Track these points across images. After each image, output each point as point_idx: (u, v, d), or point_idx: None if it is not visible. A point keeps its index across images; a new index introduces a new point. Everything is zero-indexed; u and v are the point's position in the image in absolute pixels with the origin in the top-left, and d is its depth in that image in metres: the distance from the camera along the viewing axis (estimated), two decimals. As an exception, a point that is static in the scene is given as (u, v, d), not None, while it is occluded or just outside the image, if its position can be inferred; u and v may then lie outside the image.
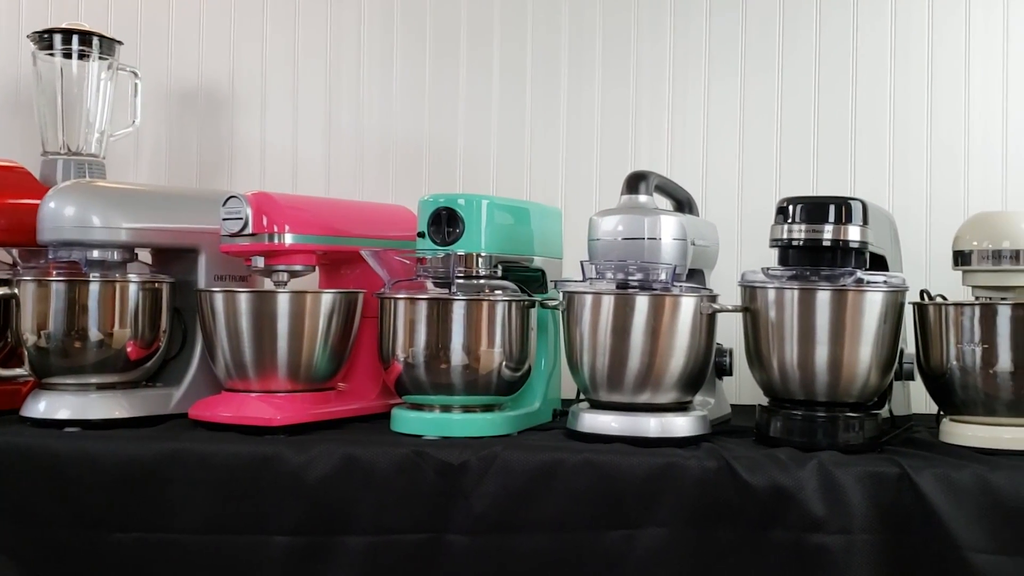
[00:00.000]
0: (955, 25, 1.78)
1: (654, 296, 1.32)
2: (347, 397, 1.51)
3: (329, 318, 1.44)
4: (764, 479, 1.19)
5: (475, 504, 1.23)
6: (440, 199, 1.41)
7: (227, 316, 1.42)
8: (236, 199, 1.44)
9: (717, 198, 1.83)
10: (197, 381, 1.52)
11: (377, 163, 1.96)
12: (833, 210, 1.32)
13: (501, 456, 1.24)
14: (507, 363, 1.38)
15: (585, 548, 1.22)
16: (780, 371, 1.32)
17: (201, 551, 1.27)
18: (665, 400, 1.34)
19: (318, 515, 1.25)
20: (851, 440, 1.29)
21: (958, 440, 1.31)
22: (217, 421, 1.40)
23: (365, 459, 1.26)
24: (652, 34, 1.88)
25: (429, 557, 1.24)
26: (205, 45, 2.02)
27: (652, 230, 1.37)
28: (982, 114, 1.77)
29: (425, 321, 1.37)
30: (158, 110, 2.01)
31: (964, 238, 1.37)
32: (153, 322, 1.49)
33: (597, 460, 1.23)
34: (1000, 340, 1.28)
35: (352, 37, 1.97)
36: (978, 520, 1.15)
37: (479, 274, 1.40)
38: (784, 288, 1.31)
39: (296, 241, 1.44)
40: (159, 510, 1.27)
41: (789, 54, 1.83)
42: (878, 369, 1.31)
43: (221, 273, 1.55)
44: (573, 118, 1.90)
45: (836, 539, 1.16)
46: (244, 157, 2.00)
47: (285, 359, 1.41)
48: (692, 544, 1.20)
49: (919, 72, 1.79)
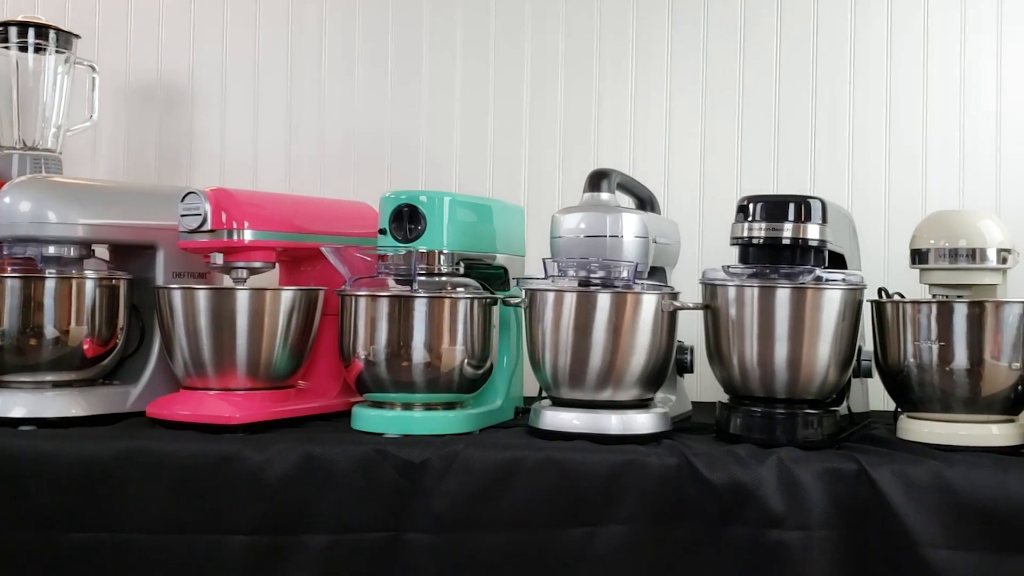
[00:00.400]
0: (914, 26, 1.80)
1: (616, 294, 1.32)
2: (307, 395, 1.50)
3: (289, 315, 1.43)
4: (724, 476, 1.20)
5: (436, 502, 1.23)
6: (402, 196, 1.40)
7: (185, 313, 1.40)
8: (195, 195, 1.42)
9: (679, 196, 1.83)
10: (155, 379, 1.51)
11: (339, 159, 1.95)
12: (792, 209, 1.33)
13: (462, 454, 1.24)
14: (469, 361, 1.38)
15: (546, 546, 1.22)
16: (740, 368, 1.33)
17: (158, 551, 1.25)
18: (626, 397, 1.34)
19: (277, 514, 1.24)
20: (810, 437, 1.30)
21: (915, 436, 1.32)
22: (175, 419, 1.38)
23: (325, 457, 1.25)
24: (614, 33, 1.88)
25: (389, 556, 1.23)
26: (165, 39, 2.00)
27: (614, 228, 1.38)
28: (940, 114, 1.79)
29: (386, 318, 1.36)
30: (116, 105, 1.99)
31: (921, 237, 1.39)
32: (110, 319, 1.47)
33: (558, 458, 1.23)
34: (956, 338, 1.29)
35: (314, 32, 1.96)
36: (934, 516, 1.16)
37: (441, 271, 1.40)
38: (744, 286, 1.32)
39: (255, 238, 1.43)
40: (116, 510, 1.26)
41: (750, 55, 1.85)
42: (836, 366, 1.32)
43: (179, 270, 1.53)
44: (536, 115, 1.90)
45: (794, 535, 1.17)
46: (204, 153, 1.98)
47: (244, 357, 1.40)
48: (652, 541, 1.21)
49: (878, 72, 1.81)
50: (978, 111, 1.78)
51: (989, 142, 1.78)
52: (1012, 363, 1.29)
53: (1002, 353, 1.29)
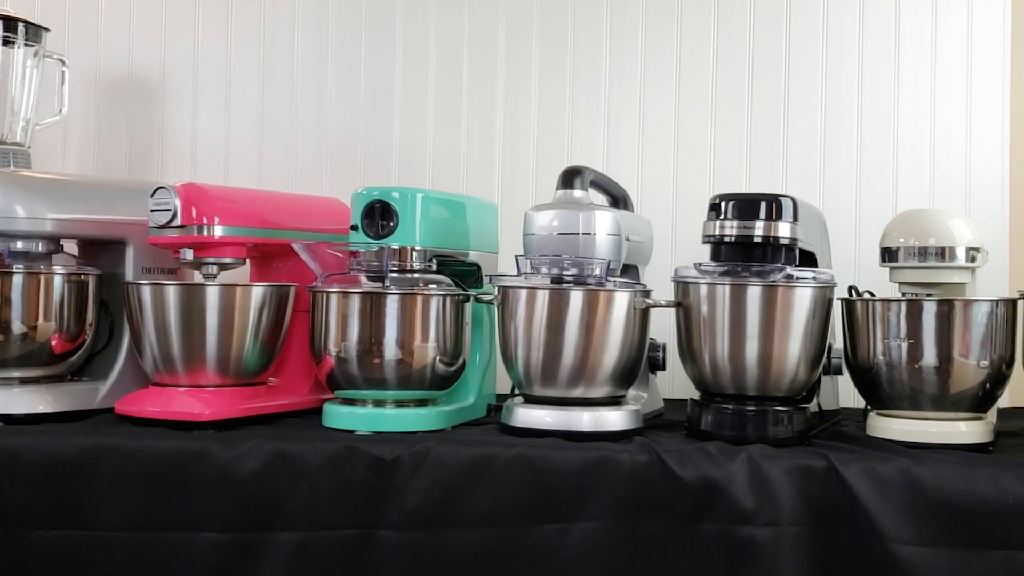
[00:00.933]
0: (885, 27, 1.82)
1: (588, 291, 1.32)
2: (278, 392, 1.49)
3: (260, 312, 1.42)
4: (694, 472, 1.20)
5: (407, 499, 1.22)
6: (374, 192, 1.39)
7: (155, 309, 1.39)
8: (165, 190, 1.41)
9: (652, 194, 1.84)
10: (124, 375, 1.50)
11: (311, 155, 1.94)
12: (764, 207, 1.33)
13: (434, 451, 1.24)
14: (441, 358, 1.38)
15: (518, 543, 1.22)
16: (711, 365, 1.33)
17: (127, 548, 1.24)
18: (599, 394, 1.34)
19: (247, 511, 1.24)
20: (780, 434, 1.31)
21: (884, 434, 1.33)
22: (144, 416, 1.37)
23: (296, 454, 1.25)
24: (588, 31, 1.88)
25: (361, 553, 1.23)
26: (136, 33, 1.98)
27: (587, 225, 1.38)
28: (911, 114, 1.81)
29: (358, 315, 1.36)
30: (86, 99, 1.97)
31: (891, 235, 1.40)
32: (79, 315, 1.46)
33: (530, 455, 1.23)
34: (925, 336, 1.30)
35: (286, 26, 1.95)
36: (903, 512, 1.17)
37: (413, 268, 1.39)
38: (715, 284, 1.33)
39: (226, 233, 1.42)
40: (84, 507, 1.25)
41: (724, 53, 1.85)
42: (807, 364, 1.33)
43: (149, 265, 1.52)
44: (510, 112, 1.90)
45: (764, 531, 1.18)
46: (175, 148, 1.96)
47: (214, 353, 1.39)
48: (624, 537, 1.21)
49: (850, 73, 1.82)
50: (948, 112, 1.80)
51: (959, 142, 1.79)
52: (980, 361, 1.30)
53: (970, 351, 1.30)
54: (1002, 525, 1.15)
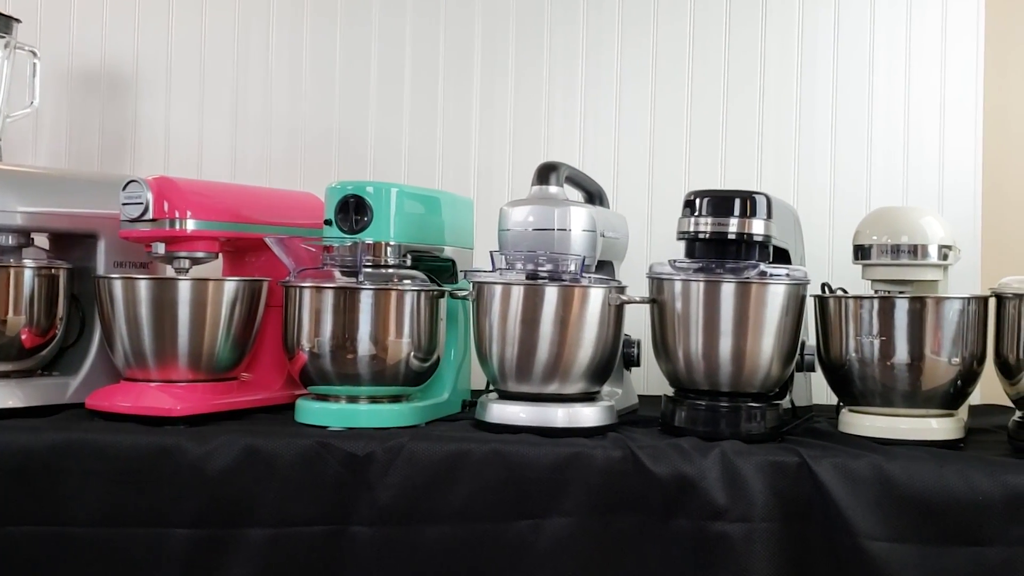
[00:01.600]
0: (860, 25, 1.82)
1: (563, 287, 1.32)
2: (250, 387, 1.49)
3: (232, 306, 1.41)
4: (667, 468, 1.21)
5: (380, 495, 1.22)
6: (348, 186, 1.39)
7: (126, 304, 1.38)
8: (136, 183, 1.40)
9: (627, 190, 1.84)
10: (95, 370, 1.48)
11: (285, 149, 1.93)
12: (738, 204, 1.34)
13: (407, 447, 1.24)
14: (415, 353, 1.37)
15: (491, 539, 1.21)
16: (685, 362, 1.34)
17: (98, 545, 1.23)
18: (573, 391, 1.34)
19: (219, 507, 1.23)
20: (753, 430, 1.31)
21: (856, 430, 1.34)
22: (115, 411, 1.36)
23: (267, 450, 1.24)
24: (565, 27, 1.88)
25: (333, 549, 1.22)
26: (109, 25, 1.96)
27: (562, 221, 1.38)
28: (885, 112, 1.82)
29: (331, 310, 1.35)
30: (59, 91, 1.95)
31: (864, 233, 1.41)
32: (49, 309, 1.45)
33: (504, 451, 1.23)
34: (898, 333, 1.31)
35: (261, 19, 1.94)
36: (874, 508, 1.17)
37: (388, 263, 1.39)
38: (690, 280, 1.33)
39: (198, 227, 1.41)
40: (54, 503, 1.24)
41: (700, 52, 1.86)
42: (780, 360, 1.33)
43: (121, 259, 1.51)
44: (486, 108, 1.90)
45: (737, 527, 1.18)
46: (148, 141, 1.95)
47: (186, 348, 1.38)
48: (597, 533, 1.21)
49: (825, 71, 1.83)
50: (922, 110, 1.81)
51: (933, 140, 1.80)
52: (952, 358, 1.31)
53: (942, 348, 1.31)
54: (972, 521, 1.16)
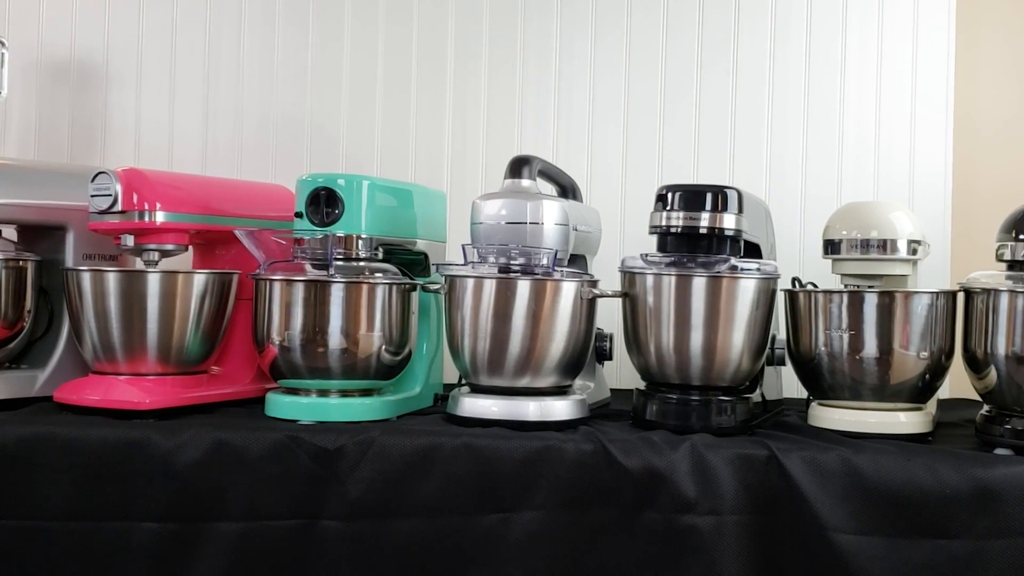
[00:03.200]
0: (832, 22, 1.83)
1: (535, 281, 1.32)
2: (220, 381, 1.48)
3: (201, 299, 1.41)
4: (638, 461, 1.21)
5: (351, 489, 1.22)
6: (319, 179, 1.38)
7: (95, 296, 1.37)
8: (105, 175, 1.39)
9: (600, 184, 1.84)
10: (63, 363, 1.47)
11: (257, 141, 1.91)
12: (710, 198, 1.34)
13: (378, 441, 1.23)
14: (387, 347, 1.37)
15: (462, 532, 1.21)
16: (657, 355, 1.34)
17: (67, 538, 1.23)
18: (545, 384, 1.34)
19: (188, 501, 1.23)
20: (723, 423, 1.32)
21: (825, 424, 1.35)
22: (84, 404, 1.36)
23: (237, 444, 1.23)
24: (539, 18, 1.88)
25: (303, 543, 1.22)
26: (78, 14, 1.94)
27: (535, 215, 1.38)
28: (856, 108, 1.83)
29: (302, 303, 1.34)
30: (27, 81, 1.93)
31: (834, 227, 1.41)
32: (17, 301, 1.44)
33: (475, 444, 1.23)
34: (866, 327, 1.32)
35: (233, 10, 1.92)
36: (842, 501, 1.18)
37: (359, 256, 1.38)
38: (661, 274, 1.33)
39: (168, 219, 1.40)
40: (23, 496, 1.23)
41: (673, 44, 1.86)
42: (750, 354, 1.34)
43: (90, 252, 1.50)
44: (459, 100, 1.89)
45: (706, 520, 1.19)
46: (118, 132, 1.93)
47: (155, 341, 1.37)
48: (568, 526, 1.21)
49: (797, 66, 1.84)
50: (893, 106, 1.82)
51: (903, 136, 1.82)
52: (920, 352, 1.32)
53: (911, 342, 1.32)
54: (939, 514, 1.17)
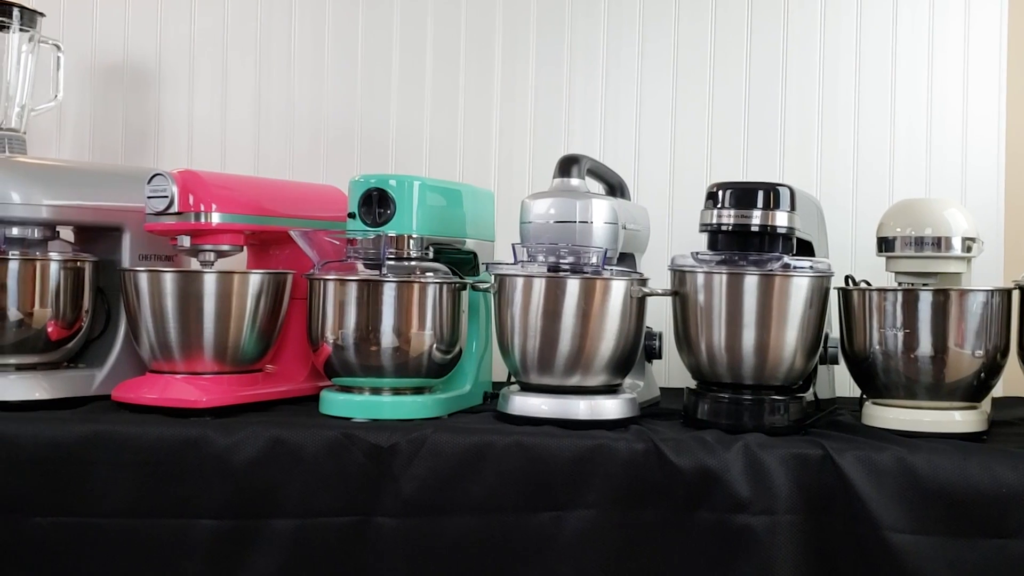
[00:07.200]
0: (883, 17, 1.81)
1: (585, 279, 1.32)
2: (275, 379, 1.49)
3: (257, 299, 1.42)
4: (691, 461, 1.21)
5: (404, 487, 1.23)
6: (371, 179, 1.39)
7: (152, 296, 1.39)
8: (161, 177, 1.41)
9: (649, 182, 1.84)
10: (121, 362, 1.49)
11: (308, 142, 1.93)
12: (761, 196, 1.33)
13: (431, 439, 1.24)
14: (438, 345, 1.38)
15: (514, 530, 1.22)
16: (708, 354, 1.34)
17: (124, 535, 1.24)
18: (595, 383, 1.34)
19: (244, 498, 1.24)
20: (776, 423, 1.31)
21: (880, 423, 1.34)
22: (141, 403, 1.37)
23: (293, 441, 1.25)
24: (586, 17, 1.88)
25: (357, 540, 1.23)
26: (131, 18, 1.97)
27: (584, 213, 1.38)
28: (908, 104, 1.81)
29: (355, 303, 1.35)
30: (82, 85, 1.96)
31: (888, 225, 1.40)
32: (75, 302, 1.46)
33: (526, 442, 1.23)
34: (921, 325, 1.30)
35: (283, 12, 1.94)
36: (897, 501, 1.17)
37: (410, 256, 1.39)
38: (713, 272, 1.33)
39: (223, 220, 1.42)
40: (80, 494, 1.25)
41: (721, 41, 1.85)
42: (803, 353, 1.33)
43: (146, 252, 1.52)
44: (506, 100, 1.90)
45: (760, 520, 1.18)
46: (171, 134, 1.96)
47: (211, 340, 1.39)
48: (619, 525, 1.21)
49: (847, 62, 1.82)
50: (945, 101, 1.80)
51: (956, 132, 1.80)
52: (975, 351, 1.30)
53: (965, 340, 1.30)
54: (995, 513, 1.16)
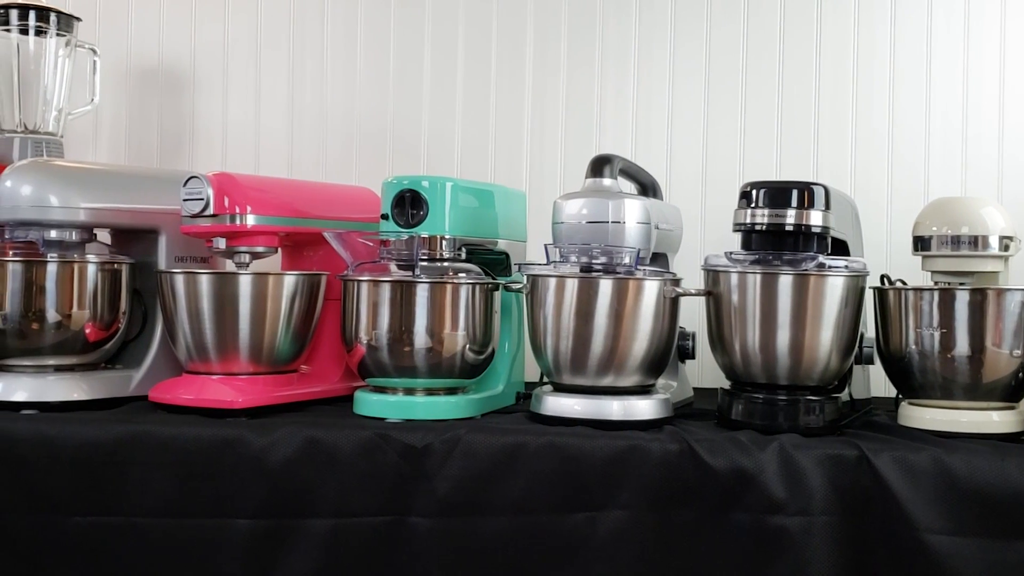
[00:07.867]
0: (918, 13, 1.80)
1: (618, 280, 1.32)
2: (310, 380, 1.50)
3: (292, 300, 1.43)
4: (725, 461, 1.20)
5: (438, 487, 1.23)
6: (404, 181, 1.40)
7: (188, 298, 1.40)
8: (197, 179, 1.42)
9: (681, 182, 1.83)
10: (157, 363, 1.51)
11: (340, 144, 1.94)
12: (796, 195, 1.33)
13: (464, 439, 1.24)
14: (471, 346, 1.38)
15: (548, 531, 1.22)
16: (742, 354, 1.33)
17: (161, 535, 1.25)
18: (628, 383, 1.34)
19: (280, 498, 1.25)
20: (811, 423, 1.31)
21: (916, 423, 1.32)
22: (178, 404, 1.39)
23: (328, 442, 1.25)
24: (617, 17, 1.88)
25: (392, 540, 1.24)
26: (166, 22, 1.99)
27: (616, 214, 1.38)
28: (943, 101, 1.79)
29: (388, 303, 1.36)
30: (118, 88, 1.98)
31: (924, 224, 1.39)
32: (112, 303, 1.48)
33: (560, 443, 1.23)
34: (958, 325, 1.29)
35: (315, 15, 1.96)
36: (934, 502, 1.16)
37: (443, 256, 1.40)
38: (747, 272, 1.32)
39: (258, 222, 1.43)
40: (118, 494, 1.26)
41: (753, 39, 1.84)
42: (838, 353, 1.32)
43: (182, 254, 1.53)
44: (538, 100, 1.90)
45: (795, 521, 1.18)
46: (205, 137, 1.98)
47: (247, 341, 1.40)
48: (654, 526, 1.21)
49: (882, 60, 1.81)
50: (981, 99, 1.78)
51: (992, 129, 1.77)
52: (1013, 350, 1.29)
53: (1003, 340, 1.29)
54: (1035, 515, 1.14)
